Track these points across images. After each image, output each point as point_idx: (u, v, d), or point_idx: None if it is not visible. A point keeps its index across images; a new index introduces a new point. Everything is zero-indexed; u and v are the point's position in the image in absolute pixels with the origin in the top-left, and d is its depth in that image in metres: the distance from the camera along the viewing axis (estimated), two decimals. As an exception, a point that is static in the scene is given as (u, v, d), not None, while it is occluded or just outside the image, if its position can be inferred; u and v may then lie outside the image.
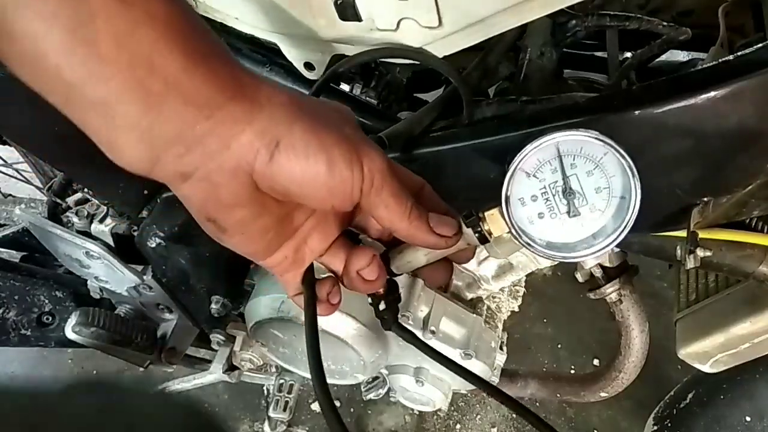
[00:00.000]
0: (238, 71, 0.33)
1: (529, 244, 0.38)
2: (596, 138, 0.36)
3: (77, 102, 0.29)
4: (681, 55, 0.93)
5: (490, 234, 0.40)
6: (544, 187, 0.38)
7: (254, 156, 0.32)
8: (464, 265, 0.97)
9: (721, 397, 0.84)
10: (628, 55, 0.80)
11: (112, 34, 0.27)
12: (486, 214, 0.39)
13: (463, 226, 0.40)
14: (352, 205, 0.36)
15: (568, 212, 0.38)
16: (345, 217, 0.42)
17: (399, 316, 0.48)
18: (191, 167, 0.32)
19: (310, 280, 0.42)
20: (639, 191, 0.37)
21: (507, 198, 0.37)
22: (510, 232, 0.38)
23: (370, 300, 0.47)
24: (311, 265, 0.43)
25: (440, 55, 0.58)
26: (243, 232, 0.36)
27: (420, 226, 0.38)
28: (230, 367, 1.17)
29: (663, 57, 0.75)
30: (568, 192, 0.37)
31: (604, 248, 0.38)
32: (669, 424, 0.91)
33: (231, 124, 0.31)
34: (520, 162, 0.37)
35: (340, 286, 0.44)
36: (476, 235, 0.40)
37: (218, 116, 0.31)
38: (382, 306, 0.46)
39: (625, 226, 0.37)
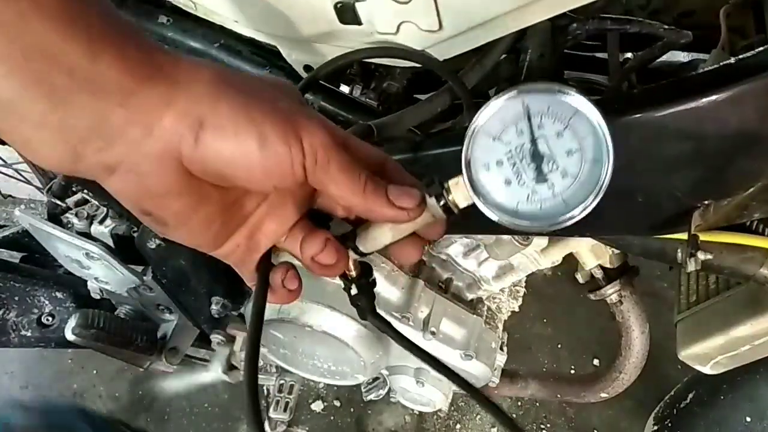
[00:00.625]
0: (150, 51, 0.30)
1: (494, 214, 0.35)
2: (564, 93, 0.33)
3: None
4: (681, 56, 0.93)
5: (456, 206, 0.37)
6: (510, 151, 0.34)
7: (179, 140, 0.30)
8: (465, 265, 0.97)
9: (722, 397, 0.84)
10: (629, 56, 0.80)
11: (3, 30, 0.25)
12: (450, 183, 0.36)
13: (427, 197, 0.36)
14: (296, 183, 0.33)
15: (537, 178, 0.34)
16: (303, 199, 0.39)
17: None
18: (114, 160, 0.30)
19: (263, 267, 0.39)
20: (612, 153, 0.33)
21: (468, 163, 0.34)
22: (475, 201, 0.35)
23: (342, 285, 0.44)
24: (267, 252, 0.40)
25: (441, 59, 0.57)
26: (185, 224, 0.34)
27: (377, 200, 0.35)
28: (230, 367, 1.17)
29: (664, 57, 0.75)
30: (536, 156, 0.34)
31: (576, 216, 0.35)
32: (669, 425, 0.91)
33: (149, 108, 0.29)
34: (479, 122, 0.34)
35: (298, 271, 0.41)
36: (440, 205, 0.36)
37: (133, 102, 0.29)
38: (354, 291, 0.43)
39: (598, 192, 0.34)
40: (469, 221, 0.37)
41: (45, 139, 0.28)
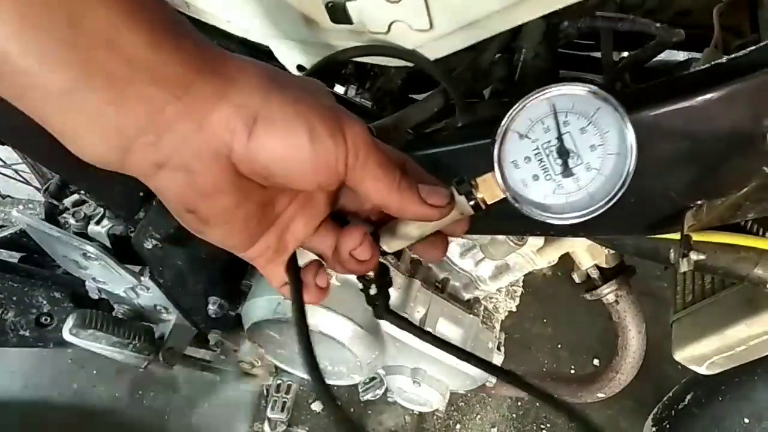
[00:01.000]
0: (204, 44, 0.30)
1: (525, 209, 0.37)
2: (589, 91, 0.34)
3: (33, 94, 0.27)
4: (680, 55, 0.92)
5: (485, 202, 0.38)
6: (537, 148, 0.36)
7: (231, 136, 0.30)
8: (461, 265, 0.97)
9: (720, 398, 0.84)
10: (624, 55, 0.79)
11: (65, 14, 0.25)
12: (478, 180, 0.37)
13: (455, 194, 0.38)
14: (339, 181, 0.34)
15: (563, 172, 0.36)
16: (330, 198, 0.40)
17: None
18: (164, 155, 0.29)
19: (295, 267, 0.40)
20: (635, 146, 0.35)
21: (500, 161, 0.36)
22: (505, 196, 0.37)
23: (360, 286, 0.45)
24: (294, 253, 0.40)
25: (433, 58, 0.57)
26: (226, 222, 0.34)
27: (411, 197, 0.36)
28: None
29: (661, 56, 0.74)
30: (562, 151, 0.36)
31: (601, 208, 0.36)
32: (667, 426, 0.91)
33: (203, 102, 0.29)
34: (509, 122, 0.35)
35: (326, 269, 0.41)
36: (470, 203, 0.38)
37: (189, 95, 0.29)
38: (373, 290, 0.44)
39: (623, 184, 0.36)
40: (488, 219, 0.39)
41: (97, 131, 0.28)
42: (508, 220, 0.51)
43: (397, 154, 0.39)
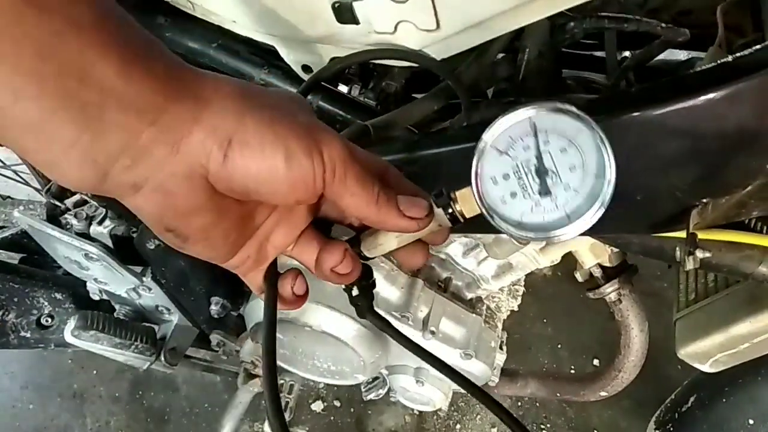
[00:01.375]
0: (177, 67, 0.30)
1: (501, 225, 0.37)
2: (570, 112, 0.34)
3: (7, 126, 0.27)
4: (681, 55, 0.93)
5: (462, 215, 0.38)
6: (517, 165, 0.36)
7: (207, 157, 0.30)
8: (464, 265, 0.97)
9: (723, 400, 0.84)
10: (627, 54, 0.80)
11: (34, 46, 0.25)
12: (457, 194, 0.38)
13: (434, 206, 0.38)
14: (316, 196, 0.34)
15: (541, 191, 0.36)
16: (310, 209, 0.40)
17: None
18: (141, 178, 0.30)
19: (272, 277, 0.40)
20: (614, 169, 0.35)
21: (477, 176, 0.36)
22: (481, 212, 0.37)
23: (343, 286, 0.45)
24: (274, 262, 0.41)
25: (438, 58, 0.57)
26: (206, 238, 0.34)
27: (389, 211, 0.36)
28: (249, 377, 1.16)
29: (662, 56, 0.75)
30: (541, 170, 0.36)
31: (578, 229, 0.36)
32: (671, 429, 0.91)
33: (178, 125, 0.29)
34: (489, 137, 0.35)
35: (305, 277, 0.42)
36: (447, 216, 0.38)
37: (163, 119, 0.29)
38: (354, 292, 0.45)
39: (600, 206, 0.36)
40: (472, 225, 0.39)
41: (73, 160, 0.28)
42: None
43: (378, 162, 0.39)
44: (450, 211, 0.38)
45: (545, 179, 0.36)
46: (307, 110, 0.35)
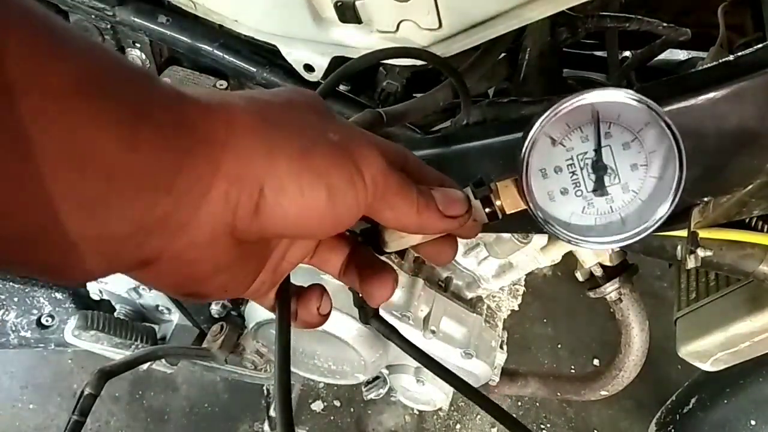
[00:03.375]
0: (178, 104, 0.24)
1: (546, 223, 0.32)
2: (640, 102, 0.30)
3: None
4: (681, 54, 0.93)
5: (503, 210, 0.33)
6: (571, 158, 0.32)
7: (233, 213, 0.25)
8: (464, 264, 0.97)
9: (725, 401, 0.84)
10: (628, 54, 0.80)
11: (12, 140, 0.18)
12: (499, 185, 0.33)
13: (472, 198, 0.33)
14: (357, 220, 0.30)
15: (596, 190, 0.32)
16: None
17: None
18: (155, 252, 0.25)
19: (284, 297, 0.36)
20: (684, 173, 0.31)
21: (527, 167, 0.31)
22: (527, 208, 0.32)
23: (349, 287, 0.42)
24: (287, 278, 0.36)
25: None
26: (226, 290, 0.30)
27: (430, 216, 0.31)
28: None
29: (663, 56, 0.75)
30: (598, 166, 0.31)
31: (633, 237, 0.32)
32: (672, 430, 0.91)
33: (196, 186, 0.23)
34: (544, 124, 0.31)
35: (328, 292, 0.38)
36: (486, 210, 0.33)
37: (180, 184, 0.23)
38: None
39: (662, 214, 0.32)
40: (508, 222, 0.36)
41: (75, 258, 0.22)
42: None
43: (398, 151, 0.35)
44: (489, 205, 0.33)
45: (602, 177, 0.32)
46: (328, 116, 0.31)
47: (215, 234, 0.25)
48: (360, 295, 0.41)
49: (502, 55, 0.71)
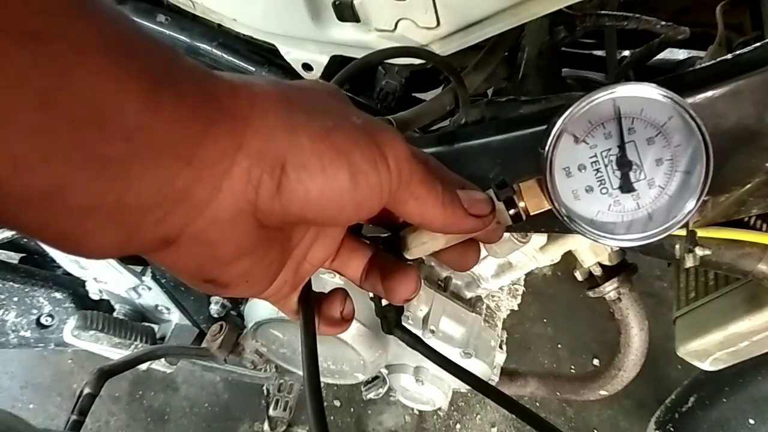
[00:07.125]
0: (206, 78, 0.24)
1: (572, 222, 0.32)
2: (663, 96, 0.30)
3: (9, 203, 0.20)
4: (680, 54, 0.93)
5: (527, 212, 0.33)
6: (595, 155, 0.31)
7: (255, 191, 0.24)
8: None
9: (724, 400, 0.84)
10: (626, 53, 0.80)
11: (35, 92, 0.18)
12: (522, 186, 0.33)
13: (495, 200, 0.33)
14: (380, 209, 0.29)
15: (622, 187, 0.32)
16: None
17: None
18: (175, 230, 0.24)
19: (307, 300, 0.35)
20: (711, 166, 0.30)
21: (551, 166, 0.31)
22: (551, 208, 0.32)
23: (371, 295, 0.42)
24: (309, 282, 0.36)
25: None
26: (247, 281, 0.29)
27: (455, 212, 0.31)
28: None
29: (661, 55, 0.75)
30: (623, 162, 0.31)
31: (661, 233, 0.32)
32: (671, 429, 0.91)
33: (218, 158, 0.23)
34: (566, 121, 0.30)
35: (351, 296, 0.37)
36: (510, 212, 0.33)
37: (201, 155, 0.23)
38: (384, 301, 0.41)
39: (690, 209, 0.31)
40: (530, 222, 0.35)
41: (93, 227, 0.21)
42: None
43: (420, 151, 0.33)
44: (513, 206, 0.33)
45: (627, 173, 0.31)
46: (350, 103, 0.30)
47: (237, 213, 0.25)
48: (381, 301, 0.41)
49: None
